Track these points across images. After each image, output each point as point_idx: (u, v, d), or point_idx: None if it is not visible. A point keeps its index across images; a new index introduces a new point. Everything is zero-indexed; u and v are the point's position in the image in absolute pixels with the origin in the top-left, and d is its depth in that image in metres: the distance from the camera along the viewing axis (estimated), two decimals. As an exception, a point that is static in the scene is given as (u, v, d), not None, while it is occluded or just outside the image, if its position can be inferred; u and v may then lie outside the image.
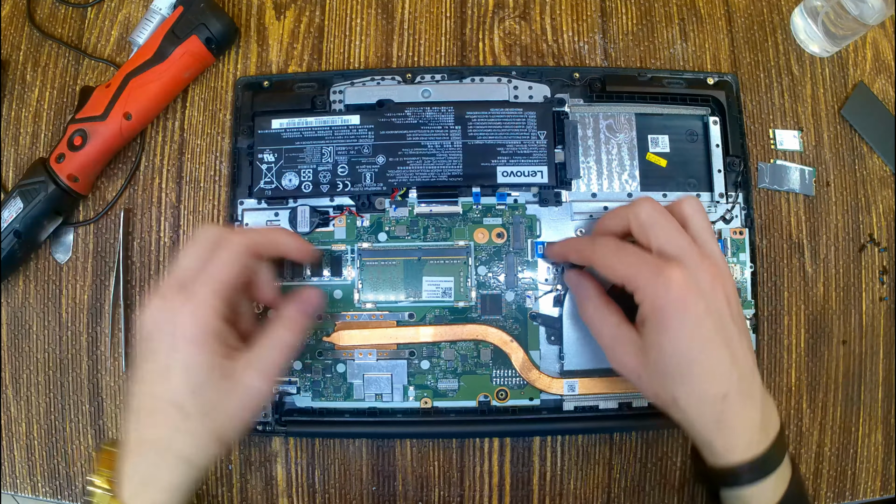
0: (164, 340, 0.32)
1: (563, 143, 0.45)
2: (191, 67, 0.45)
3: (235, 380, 0.33)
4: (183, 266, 0.34)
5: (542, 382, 0.44)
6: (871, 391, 0.47)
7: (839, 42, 0.48)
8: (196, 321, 0.32)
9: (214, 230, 0.35)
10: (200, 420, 0.32)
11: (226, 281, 0.33)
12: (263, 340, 0.35)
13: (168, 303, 0.33)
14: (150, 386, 0.33)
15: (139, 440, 0.33)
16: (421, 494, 0.45)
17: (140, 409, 0.33)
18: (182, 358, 0.32)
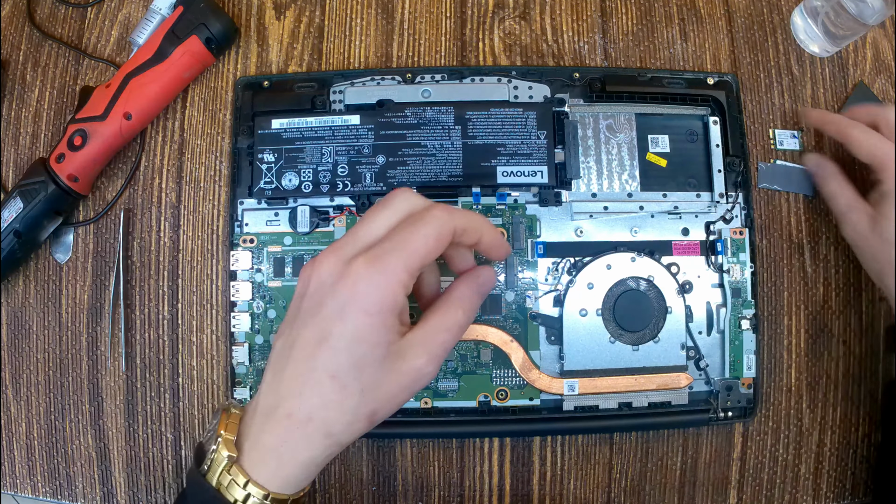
0: (334, 305, 0.30)
1: (563, 143, 0.45)
2: (191, 67, 0.45)
3: (402, 360, 0.30)
4: (372, 230, 0.31)
5: (542, 382, 0.44)
6: (872, 391, 0.47)
7: (839, 42, 0.48)
8: (380, 293, 0.29)
9: (415, 199, 0.32)
10: (358, 397, 0.30)
11: (423, 257, 0.30)
12: (434, 320, 0.32)
13: (351, 266, 0.30)
14: (308, 351, 0.30)
15: (278, 407, 0.30)
16: (421, 494, 0.45)
17: (289, 375, 0.30)
18: (353, 329, 0.29)
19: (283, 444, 0.30)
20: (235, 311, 0.44)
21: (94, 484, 0.45)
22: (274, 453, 0.30)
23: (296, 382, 0.30)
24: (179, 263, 0.46)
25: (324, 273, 0.30)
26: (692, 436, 0.46)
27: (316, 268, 0.31)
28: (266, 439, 0.30)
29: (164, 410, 0.45)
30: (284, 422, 0.30)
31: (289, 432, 0.30)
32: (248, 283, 0.44)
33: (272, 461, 0.30)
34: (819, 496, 0.46)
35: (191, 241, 0.46)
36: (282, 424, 0.30)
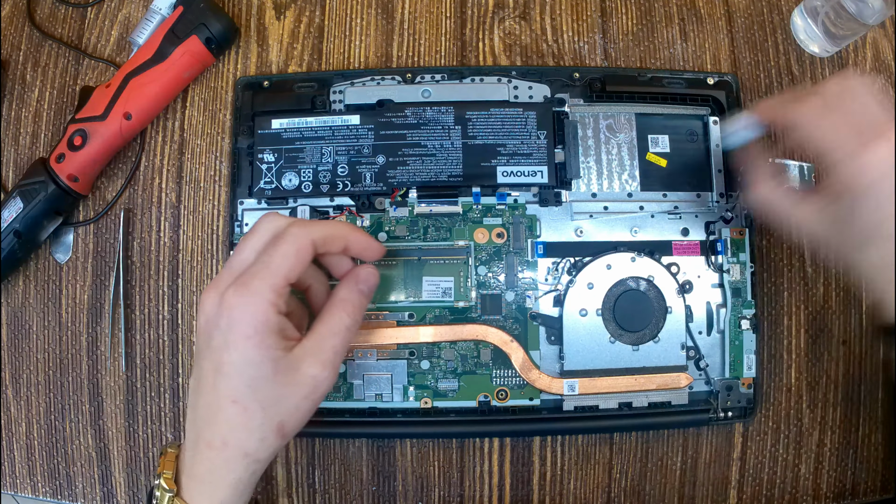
0: (219, 336, 0.31)
1: (563, 143, 0.45)
2: (191, 67, 0.45)
3: (296, 371, 0.32)
4: (240, 258, 0.33)
5: (542, 382, 0.44)
6: (871, 391, 0.47)
7: (839, 42, 0.48)
8: (252, 316, 0.31)
9: (276, 220, 0.34)
10: (261, 415, 0.32)
11: (284, 276, 0.32)
12: (321, 327, 0.34)
13: (224, 297, 0.32)
14: (208, 382, 0.32)
15: (199, 438, 0.33)
16: (421, 494, 0.45)
17: (199, 407, 0.33)
18: (238, 355, 0.31)
19: (209, 471, 0.32)
20: (235, 311, 0.44)
21: (94, 484, 0.45)
22: (204, 481, 0.33)
23: (206, 413, 0.32)
24: (179, 263, 0.46)
25: (207, 308, 0.32)
26: (692, 436, 0.46)
27: (201, 304, 0.33)
28: (196, 470, 0.33)
29: (164, 410, 0.45)
30: (205, 451, 0.32)
31: (211, 460, 0.32)
32: (248, 283, 0.44)
33: (205, 488, 0.33)
34: (819, 496, 0.46)
35: (191, 241, 0.46)
36: (204, 454, 0.32)
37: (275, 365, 0.32)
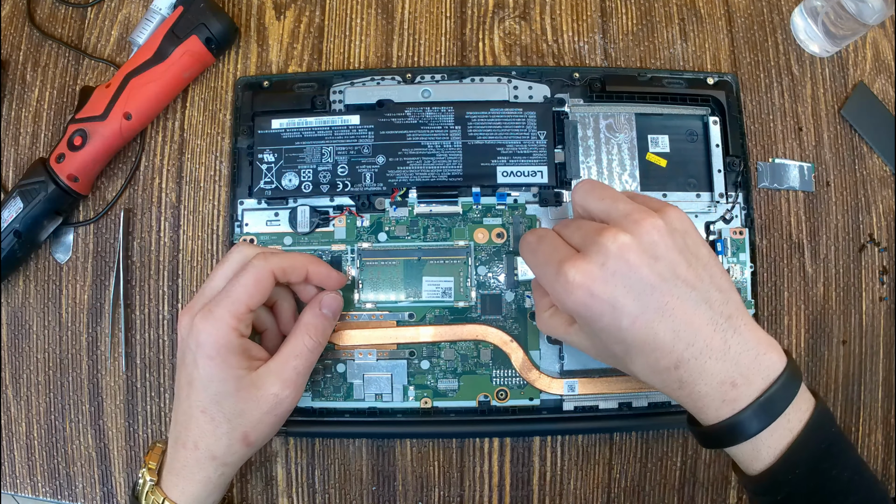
0: (189, 355, 0.36)
1: (563, 143, 0.45)
2: (191, 67, 0.45)
3: (258, 389, 0.36)
4: (211, 285, 0.37)
5: (542, 382, 0.44)
6: (871, 391, 0.47)
7: (839, 42, 0.48)
8: (215, 339, 0.35)
9: (244, 251, 0.38)
10: (227, 425, 0.36)
11: (245, 303, 0.36)
12: (285, 349, 0.38)
13: (194, 322, 0.36)
14: (182, 393, 0.37)
15: (177, 439, 0.37)
16: (421, 494, 0.45)
17: (178, 413, 0.37)
18: (202, 372, 0.35)
19: (183, 468, 0.37)
20: (235, 311, 0.44)
21: (94, 484, 0.45)
22: (179, 476, 0.37)
23: (182, 418, 0.37)
24: (179, 263, 0.46)
25: (181, 329, 0.37)
26: (692, 436, 0.46)
27: (178, 325, 0.37)
28: (173, 466, 0.37)
29: (164, 410, 0.45)
30: (181, 450, 0.37)
31: (185, 458, 0.37)
32: (248, 283, 0.44)
33: (179, 482, 0.37)
34: (819, 496, 0.46)
35: (191, 241, 0.46)
36: (180, 453, 0.37)
37: (237, 382, 0.36)
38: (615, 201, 0.34)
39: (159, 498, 0.37)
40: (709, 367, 0.32)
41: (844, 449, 0.33)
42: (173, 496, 0.37)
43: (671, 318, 0.31)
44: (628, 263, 0.31)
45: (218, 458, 0.36)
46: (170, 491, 0.37)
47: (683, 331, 0.31)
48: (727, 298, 0.32)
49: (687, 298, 0.31)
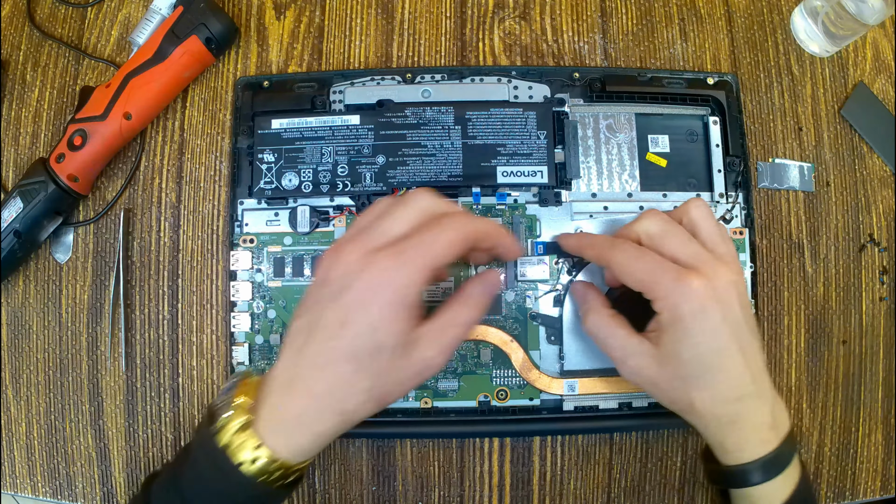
0: (357, 293, 0.31)
1: (563, 143, 0.45)
2: (191, 67, 0.45)
3: (413, 349, 0.32)
4: (394, 226, 0.33)
5: (542, 382, 0.44)
6: (871, 391, 0.47)
7: (839, 42, 0.48)
8: (401, 286, 0.31)
9: (435, 203, 0.34)
10: (371, 380, 0.32)
11: (441, 258, 0.32)
12: (447, 315, 0.34)
13: (375, 258, 0.31)
14: (327, 333, 0.32)
15: (298, 382, 0.32)
16: (421, 494, 0.45)
17: (308, 354, 0.32)
18: (374, 317, 0.31)
19: (299, 416, 0.32)
20: (235, 311, 0.44)
21: (94, 484, 0.45)
22: (289, 423, 0.32)
23: (315, 361, 0.32)
24: (179, 263, 0.46)
25: (347, 262, 0.32)
26: (692, 436, 0.46)
27: (339, 256, 0.32)
28: (283, 410, 0.32)
29: (163, 410, 0.45)
30: (302, 396, 0.32)
31: (305, 406, 0.32)
32: (248, 283, 0.44)
33: (286, 430, 0.32)
34: (819, 496, 0.46)
35: (191, 241, 0.46)
36: (299, 398, 0.32)
37: (399, 338, 0.32)
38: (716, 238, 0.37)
39: (252, 442, 0.32)
40: (759, 408, 0.35)
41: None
42: (272, 444, 0.32)
43: (744, 355, 0.34)
44: (730, 296, 0.34)
45: (345, 414, 0.32)
46: (268, 437, 0.32)
47: (752, 368, 0.35)
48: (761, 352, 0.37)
49: (753, 341, 0.35)
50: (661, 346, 0.35)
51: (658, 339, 0.35)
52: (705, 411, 0.35)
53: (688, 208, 0.37)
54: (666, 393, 0.36)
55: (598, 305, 0.39)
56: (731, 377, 0.34)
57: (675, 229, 0.36)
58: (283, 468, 0.32)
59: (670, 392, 0.36)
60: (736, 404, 0.34)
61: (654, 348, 0.35)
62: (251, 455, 0.32)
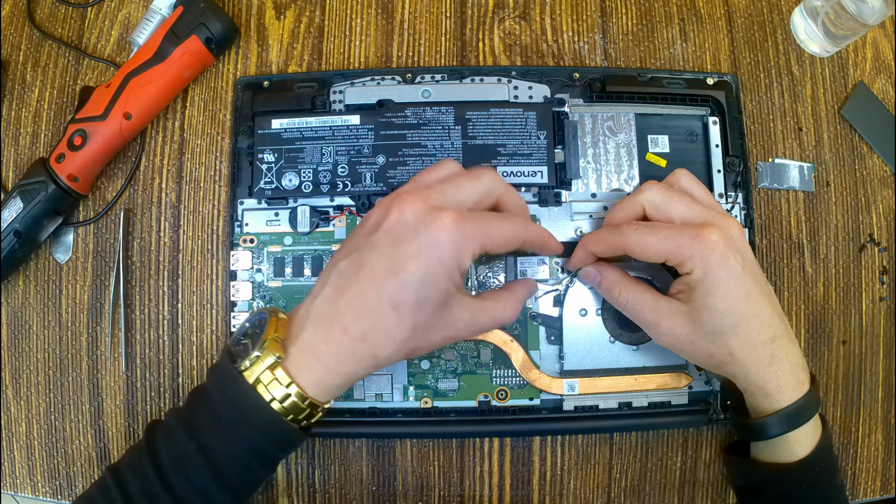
0: (412, 244, 0.31)
1: (563, 144, 0.45)
2: (191, 67, 0.45)
3: (452, 315, 0.34)
4: (460, 193, 0.34)
5: (542, 382, 0.44)
6: (871, 391, 0.47)
7: (839, 42, 0.48)
8: (458, 249, 0.32)
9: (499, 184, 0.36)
10: (409, 332, 0.32)
11: (495, 245, 0.34)
12: (489, 304, 0.36)
13: (439, 215, 0.32)
14: (374, 277, 0.32)
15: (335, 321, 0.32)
16: (421, 494, 0.45)
17: (350, 294, 0.32)
18: (426, 270, 0.31)
19: (333, 354, 0.32)
20: (235, 311, 0.44)
21: (94, 484, 0.45)
22: (322, 361, 0.32)
23: (357, 302, 0.32)
24: (179, 263, 0.46)
25: (408, 212, 0.32)
26: (692, 436, 0.46)
27: (400, 205, 0.32)
28: (317, 347, 0.32)
29: (163, 410, 0.45)
30: (338, 336, 0.32)
31: (340, 346, 0.32)
32: (248, 283, 0.44)
33: (318, 368, 0.32)
34: (819, 496, 0.46)
35: (191, 241, 0.46)
36: (335, 337, 0.32)
37: (446, 297, 0.33)
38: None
39: (283, 379, 0.32)
40: (791, 347, 0.38)
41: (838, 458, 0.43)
42: (303, 380, 0.32)
43: (769, 298, 0.37)
44: (744, 244, 0.36)
45: (377, 358, 0.32)
46: (299, 374, 0.32)
47: (777, 310, 0.37)
48: None
49: (769, 285, 0.38)
50: (692, 302, 0.36)
51: (688, 297, 0.37)
52: (746, 357, 0.36)
53: (677, 178, 0.39)
54: (703, 348, 0.37)
55: (620, 276, 0.40)
56: (763, 319, 0.36)
57: (678, 194, 0.38)
58: (312, 406, 0.33)
59: (708, 346, 0.37)
60: (771, 345, 0.37)
61: (685, 306, 0.37)
62: (281, 392, 0.32)
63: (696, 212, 0.37)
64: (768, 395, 0.37)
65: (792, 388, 0.37)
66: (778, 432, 0.38)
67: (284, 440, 0.34)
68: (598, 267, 0.41)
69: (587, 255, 0.41)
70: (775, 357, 0.37)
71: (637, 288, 0.39)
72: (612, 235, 0.38)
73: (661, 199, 0.37)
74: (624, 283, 0.40)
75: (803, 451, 0.38)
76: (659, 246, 0.36)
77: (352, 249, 0.34)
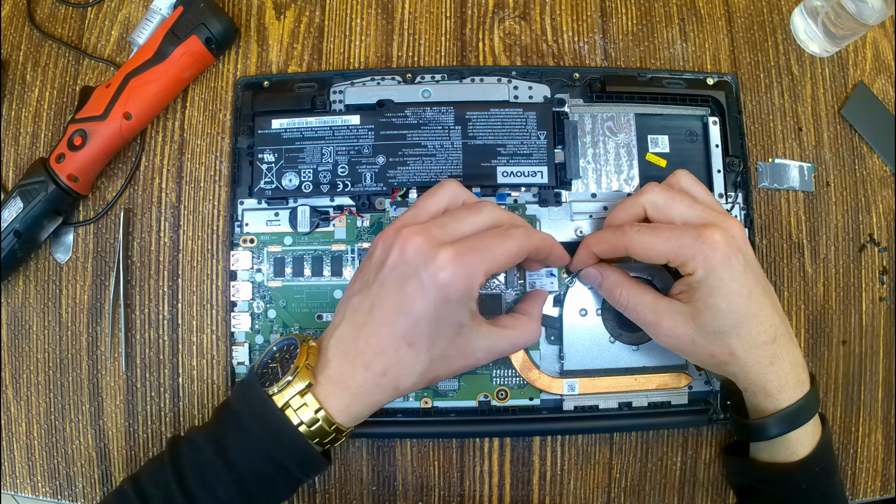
0: (418, 284, 0.33)
1: (563, 144, 0.45)
2: (191, 67, 0.45)
3: (469, 345, 0.35)
4: (460, 227, 0.35)
5: (542, 382, 0.44)
6: (871, 391, 0.47)
7: (839, 42, 0.48)
8: (462, 285, 0.33)
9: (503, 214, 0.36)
10: (427, 364, 0.34)
11: (500, 266, 0.34)
12: (508, 332, 0.37)
13: (440, 254, 0.32)
14: (389, 317, 0.33)
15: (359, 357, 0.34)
16: (421, 494, 0.45)
17: (369, 333, 0.34)
18: (434, 309, 0.33)
19: (359, 386, 0.34)
20: (235, 311, 0.44)
21: (94, 484, 0.45)
22: (350, 391, 0.34)
23: (376, 341, 0.34)
24: (179, 263, 0.46)
25: (410, 250, 0.33)
26: (692, 436, 0.46)
27: (403, 242, 0.33)
28: (344, 380, 0.34)
29: (164, 410, 0.45)
30: (362, 371, 0.34)
31: (365, 379, 0.34)
32: (248, 283, 0.44)
33: (347, 397, 0.34)
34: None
35: (191, 241, 0.46)
36: (360, 372, 0.34)
37: (459, 329, 0.34)
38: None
39: (312, 404, 0.34)
40: (791, 347, 0.38)
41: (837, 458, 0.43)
42: (331, 407, 0.34)
43: (770, 298, 0.37)
44: (745, 245, 0.37)
45: (399, 390, 0.34)
46: (327, 401, 0.34)
47: (777, 310, 0.37)
48: None
49: (770, 285, 0.38)
50: (694, 302, 0.36)
51: (689, 297, 0.37)
52: (747, 357, 0.37)
53: (677, 179, 0.39)
54: (704, 348, 0.37)
55: (621, 277, 0.40)
56: (764, 319, 0.36)
57: (679, 195, 0.38)
58: (337, 431, 0.34)
59: (709, 346, 0.37)
60: (773, 345, 0.37)
61: (686, 306, 0.37)
62: (310, 416, 0.34)
63: (697, 212, 0.37)
64: (769, 394, 0.37)
65: (792, 387, 0.37)
66: (778, 432, 0.38)
67: (308, 462, 0.35)
68: (599, 268, 0.41)
69: (589, 255, 0.41)
70: (776, 357, 0.37)
71: (638, 289, 0.39)
72: (615, 236, 0.38)
73: (663, 200, 0.37)
74: (625, 283, 0.40)
75: (803, 451, 0.38)
76: (661, 246, 0.36)
77: (363, 285, 0.35)
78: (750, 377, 0.37)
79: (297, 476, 0.35)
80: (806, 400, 0.38)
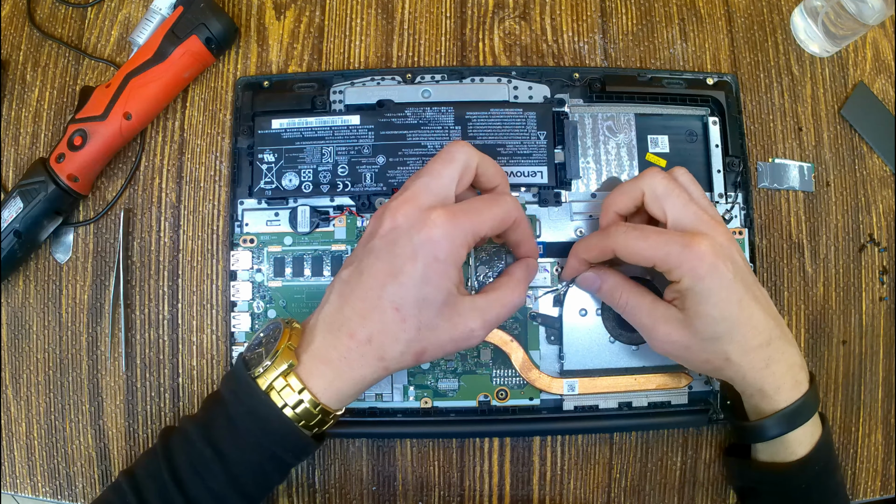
0: (409, 246, 0.33)
1: (563, 144, 0.45)
2: (191, 67, 0.45)
3: (458, 315, 0.34)
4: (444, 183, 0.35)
5: (542, 382, 0.44)
6: (871, 391, 0.47)
7: (839, 42, 0.48)
8: (451, 244, 0.33)
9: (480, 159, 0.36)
10: (414, 332, 0.33)
11: (488, 229, 0.34)
12: (497, 294, 0.36)
13: (429, 215, 0.33)
14: (375, 282, 0.33)
15: (343, 327, 0.34)
16: (421, 494, 0.45)
17: (354, 299, 0.34)
18: (423, 269, 0.32)
19: (342, 359, 0.33)
20: (235, 311, 0.44)
21: (94, 484, 0.45)
22: (332, 367, 0.33)
23: (361, 307, 0.33)
24: (179, 263, 0.46)
25: (400, 217, 0.33)
26: (692, 436, 0.46)
27: (392, 213, 0.34)
28: (327, 353, 0.34)
29: (164, 410, 0.45)
30: (346, 340, 0.33)
31: (348, 349, 0.33)
32: (248, 283, 0.44)
33: (329, 373, 0.33)
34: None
35: (191, 241, 0.46)
36: (343, 342, 0.33)
37: (447, 296, 0.33)
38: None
39: (296, 385, 0.33)
40: (787, 348, 0.38)
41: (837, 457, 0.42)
42: (315, 386, 0.33)
43: (762, 302, 0.37)
44: (733, 252, 0.36)
45: (384, 361, 0.33)
46: (311, 380, 0.33)
47: (771, 313, 0.37)
48: None
49: (762, 290, 0.38)
50: (686, 309, 0.36)
51: (682, 304, 0.37)
52: (741, 361, 0.37)
53: (676, 175, 0.39)
54: (698, 354, 0.37)
55: (620, 279, 0.40)
56: (756, 324, 0.36)
57: (678, 189, 0.37)
58: (324, 413, 0.34)
59: (703, 353, 0.37)
60: (767, 349, 0.37)
61: (680, 313, 0.37)
62: (295, 398, 0.33)
63: (689, 214, 0.37)
64: (766, 396, 0.38)
65: (789, 388, 0.38)
66: (776, 433, 0.38)
67: (297, 446, 0.34)
68: (598, 271, 0.41)
69: (579, 262, 0.41)
70: (771, 359, 0.37)
71: (636, 291, 0.39)
72: (602, 240, 0.38)
73: (662, 188, 0.37)
74: (624, 286, 0.40)
75: (803, 451, 0.38)
76: (648, 252, 0.36)
77: (353, 260, 0.35)
78: (746, 380, 0.37)
79: (289, 461, 0.35)
80: (804, 400, 0.38)
